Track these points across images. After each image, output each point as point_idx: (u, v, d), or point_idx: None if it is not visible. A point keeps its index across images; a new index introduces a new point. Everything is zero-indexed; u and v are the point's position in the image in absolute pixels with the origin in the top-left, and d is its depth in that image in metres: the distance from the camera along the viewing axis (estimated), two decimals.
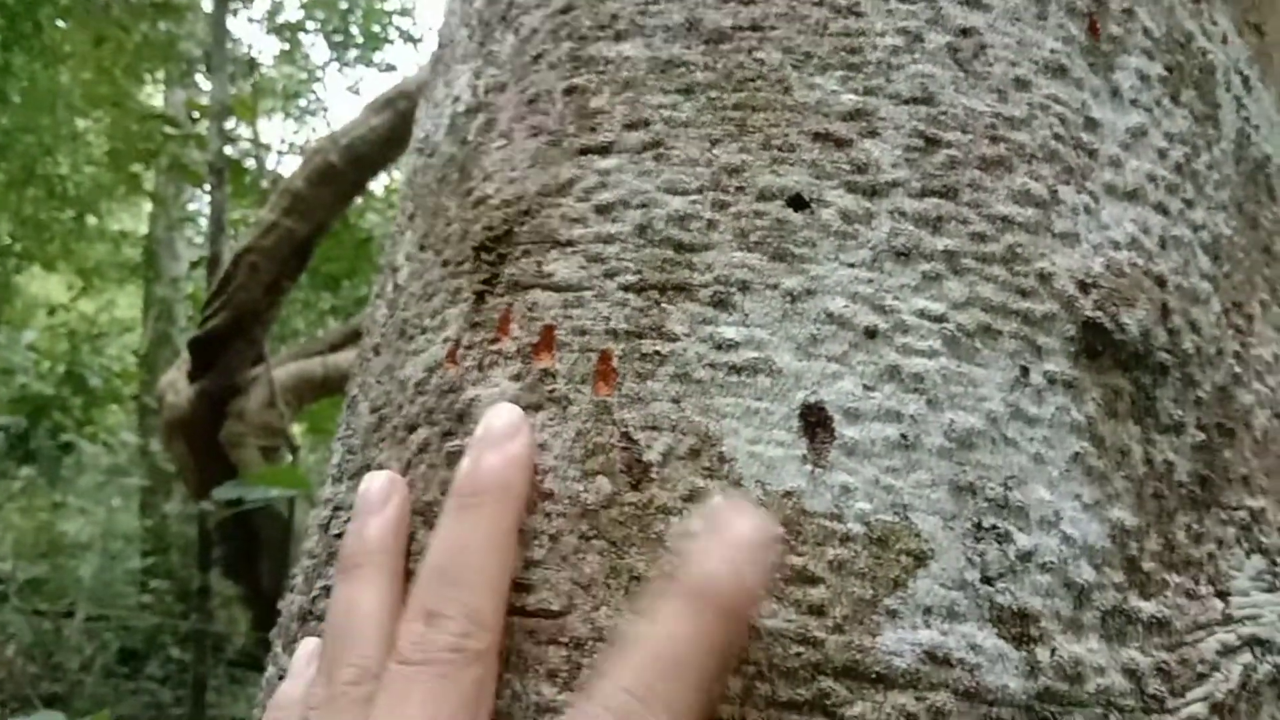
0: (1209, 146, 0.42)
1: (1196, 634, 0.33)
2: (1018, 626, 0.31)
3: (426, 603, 0.33)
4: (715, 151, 0.37)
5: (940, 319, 0.35)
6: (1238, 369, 0.40)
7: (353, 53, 7.08)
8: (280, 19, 6.75)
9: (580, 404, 0.35)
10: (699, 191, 0.36)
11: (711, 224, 0.36)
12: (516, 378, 0.36)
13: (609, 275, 0.36)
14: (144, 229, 7.49)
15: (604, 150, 0.38)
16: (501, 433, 0.34)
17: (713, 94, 0.38)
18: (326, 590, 0.39)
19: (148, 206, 7.09)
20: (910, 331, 0.34)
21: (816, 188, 0.36)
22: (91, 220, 7.22)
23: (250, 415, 2.81)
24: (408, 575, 0.35)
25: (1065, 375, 0.35)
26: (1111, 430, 0.35)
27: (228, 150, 3.57)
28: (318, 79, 8.03)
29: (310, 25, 6.90)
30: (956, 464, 0.33)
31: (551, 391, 0.35)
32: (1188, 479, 0.37)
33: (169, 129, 4.37)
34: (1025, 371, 0.35)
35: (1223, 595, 0.35)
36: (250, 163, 4.68)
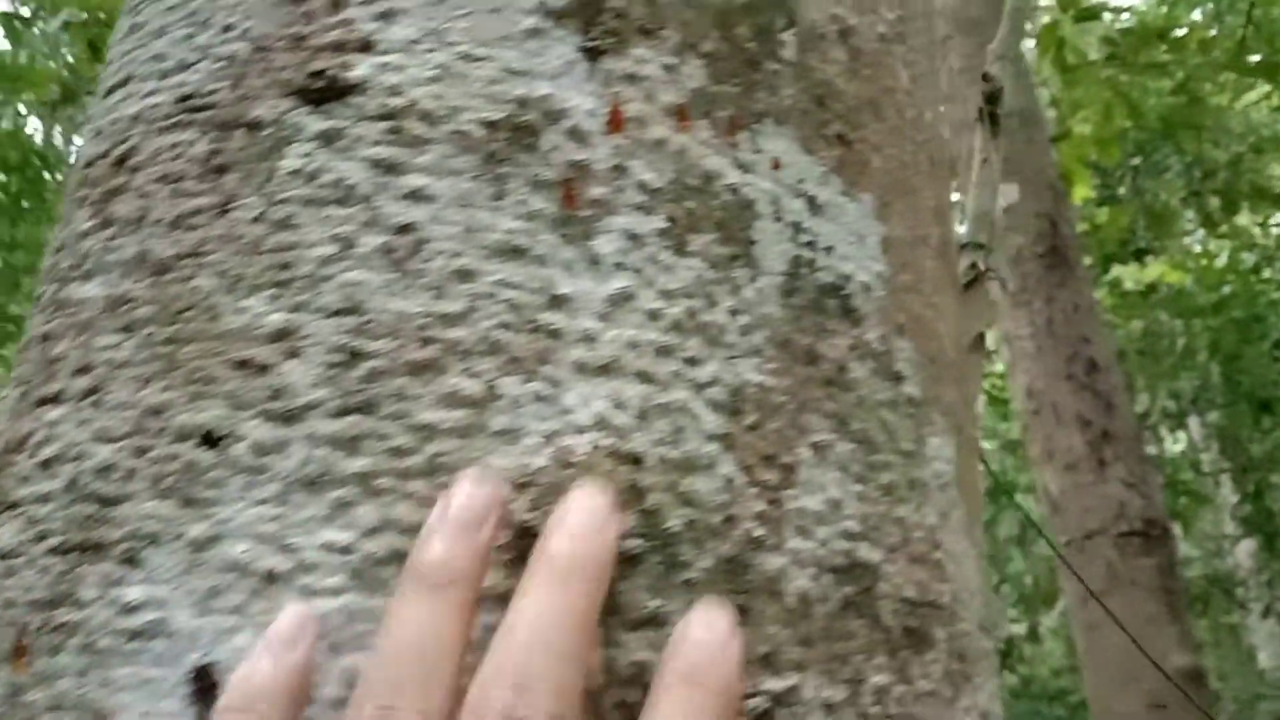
0: (734, 290, 0.40)
1: None
2: None
3: (514, 671, 0.30)
4: (144, 392, 0.36)
5: (347, 550, 0.32)
6: (760, 532, 0.37)
7: None
8: None
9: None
10: (124, 438, 0.35)
11: (131, 473, 0.34)
12: None
13: (40, 539, 0.35)
14: None
15: (54, 400, 0.37)
16: (587, 521, 0.32)
17: (150, 330, 0.36)
18: None
19: None
20: (314, 570, 0.32)
21: (231, 421, 0.34)
22: None
23: None
24: None
25: (501, 588, 0.33)
26: None
27: None
28: None
29: None
30: None
31: None
32: None
33: None
34: None
35: None
36: None
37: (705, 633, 0.32)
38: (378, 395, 0.34)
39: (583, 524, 0.32)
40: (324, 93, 0.39)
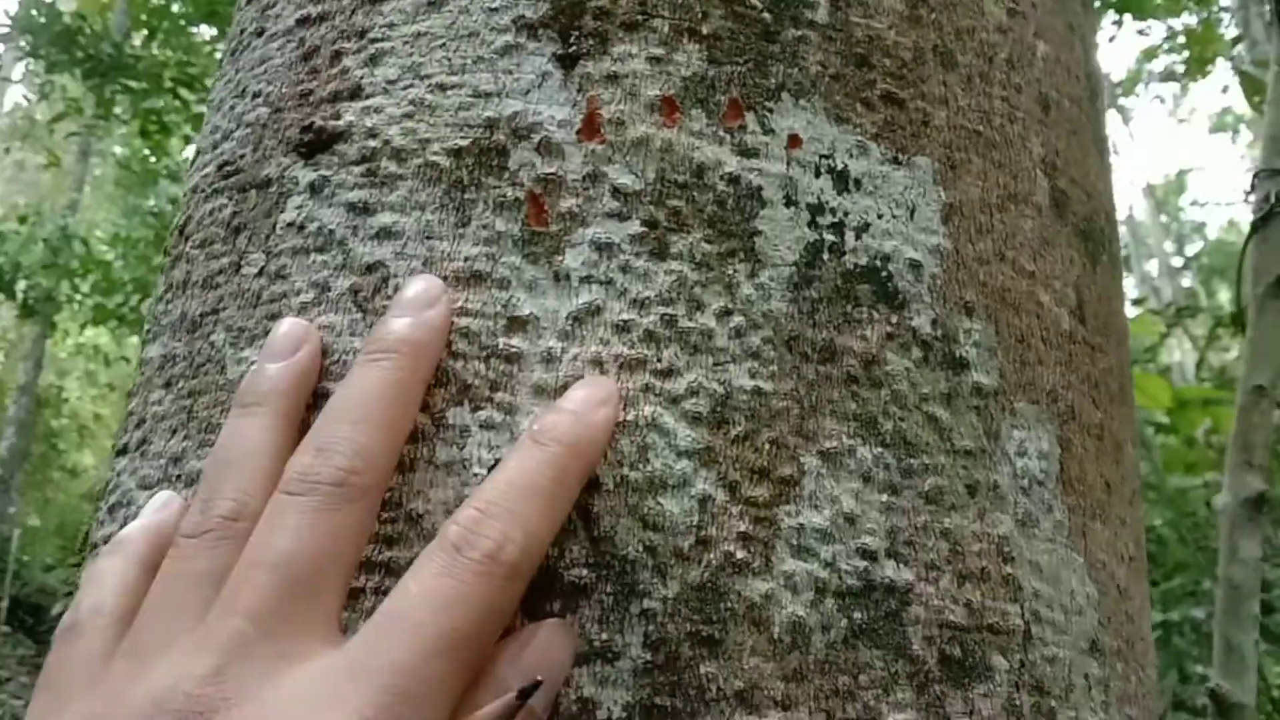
0: (728, 290, 0.37)
1: None
2: None
3: (317, 439, 0.33)
4: (172, 441, 0.39)
5: None
6: (741, 555, 0.34)
7: None
8: None
9: None
10: (156, 485, 0.39)
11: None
12: None
13: None
14: None
15: (123, 451, 0.42)
16: (417, 299, 0.35)
17: (181, 383, 0.40)
18: None
19: None
20: None
21: None
22: None
23: None
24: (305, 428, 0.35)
25: None
26: None
27: None
28: None
29: None
30: None
31: None
32: (622, 715, 0.32)
33: None
34: None
35: None
36: None
37: (569, 402, 0.34)
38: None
39: (410, 300, 0.35)
40: (314, 145, 0.40)
